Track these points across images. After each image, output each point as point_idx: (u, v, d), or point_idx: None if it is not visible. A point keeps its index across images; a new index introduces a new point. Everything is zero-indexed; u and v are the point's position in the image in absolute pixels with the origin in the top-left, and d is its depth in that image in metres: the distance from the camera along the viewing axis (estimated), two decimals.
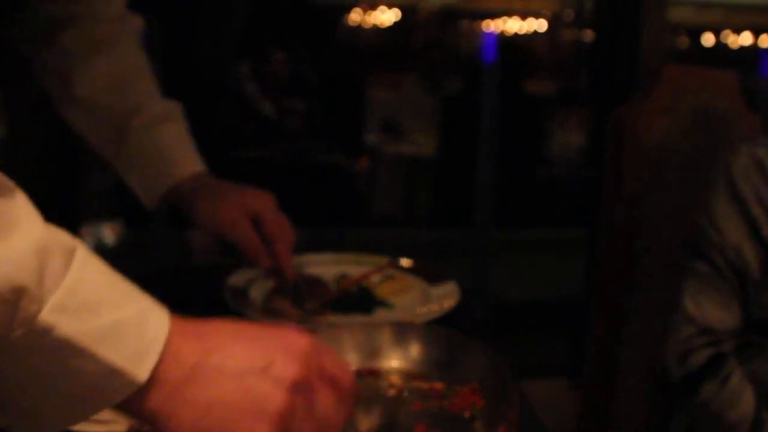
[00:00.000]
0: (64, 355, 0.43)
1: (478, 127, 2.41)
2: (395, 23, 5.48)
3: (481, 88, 2.35)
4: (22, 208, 0.43)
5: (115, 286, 0.47)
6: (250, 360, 0.48)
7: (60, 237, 0.44)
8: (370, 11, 5.23)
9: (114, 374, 0.44)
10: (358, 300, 1.08)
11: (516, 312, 2.79)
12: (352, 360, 0.82)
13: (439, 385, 0.80)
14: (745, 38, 6.00)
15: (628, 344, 1.34)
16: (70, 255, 0.44)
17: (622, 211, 1.34)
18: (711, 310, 1.11)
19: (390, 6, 5.34)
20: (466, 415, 0.75)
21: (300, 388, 0.48)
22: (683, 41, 5.34)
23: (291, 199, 1.12)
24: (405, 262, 1.22)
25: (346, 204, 3.43)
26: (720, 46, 6.09)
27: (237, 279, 1.11)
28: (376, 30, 5.34)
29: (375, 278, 1.15)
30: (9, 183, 0.43)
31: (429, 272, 1.18)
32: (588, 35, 4.08)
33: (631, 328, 1.34)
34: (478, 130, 2.41)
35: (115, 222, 2.85)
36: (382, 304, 1.09)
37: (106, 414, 0.71)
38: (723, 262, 1.11)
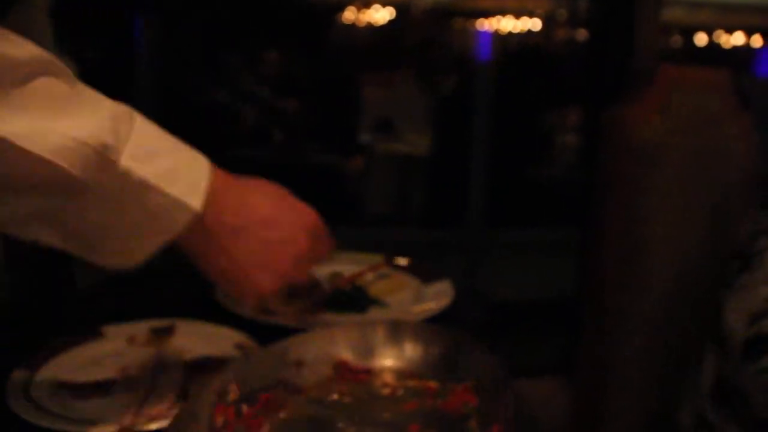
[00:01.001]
0: (139, 191, 0.56)
1: (471, 126, 2.41)
2: (389, 22, 5.47)
3: (474, 87, 2.35)
4: (88, 91, 0.57)
5: (167, 140, 0.61)
6: (278, 232, 0.66)
7: (123, 107, 0.58)
8: (363, 10, 5.22)
9: (177, 204, 0.58)
10: (351, 299, 1.07)
11: (509, 311, 2.78)
12: (346, 358, 0.82)
13: (433, 384, 0.80)
14: (738, 38, 6.03)
15: (621, 343, 1.34)
16: (132, 119, 0.58)
17: (615, 211, 1.34)
18: None
19: (384, 4, 5.33)
20: (461, 414, 0.75)
21: (303, 257, 0.68)
22: (676, 41, 5.35)
23: None
24: (399, 260, 1.22)
25: (340, 203, 3.41)
26: (712, 46, 6.11)
27: None
28: (370, 29, 5.33)
29: (369, 277, 1.15)
30: (72, 74, 0.56)
31: (423, 271, 1.17)
32: (582, 35, 4.09)
33: (622, 327, 1.34)
34: (471, 130, 2.41)
35: None
36: (376, 302, 1.09)
37: (97, 414, 0.71)
38: None
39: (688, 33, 6.14)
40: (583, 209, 1.72)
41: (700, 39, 6.19)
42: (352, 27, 5.19)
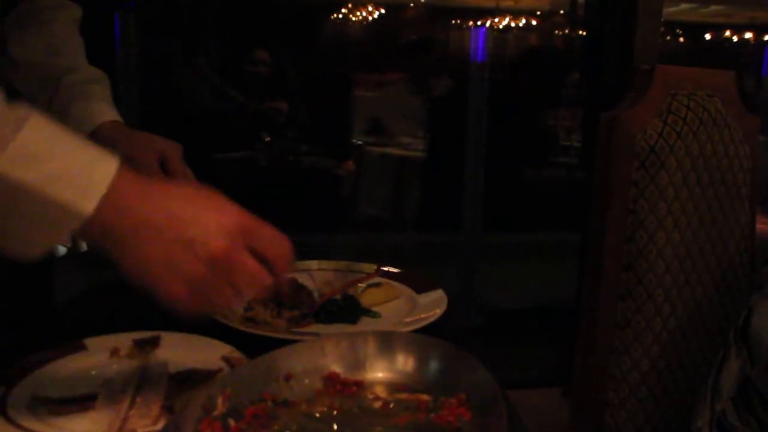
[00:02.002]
0: (17, 196, 0.54)
1: (466, 128, 2.39)
2: (382, 21, 5.45)
3: (470, 88, 2.33)
4: None
5: (68, 142, 0.58)
6: (183, 232, 0.59)
7: (16, 108, 0.56)
8: (355, 11, 5.20)
9: (62, 209, 0.55)
10: (343, 309, 1.05)
11: (505, 318, 2.77)
12: (337, 370, 0.80)
13: (425, 397, 0.77)
14: (746, 36, 6.00)
15: (620, 351, 1.32)
16: (21, 120, 0.55)
17: (615, 215, 1.31)
18: None
19: (377, 5, 5.31)
20: (454, 428, 0.72)
21: (218, 261, 0.60)
22: (681, 39, 5.34)
23: (274, 203, 1.09)
24: (391, 269, 1.19)
25: (332, 208, 3.39)
26: (719, 44, 6.09)
27: None
28: (363, 29, 5.31)
29: (361, 286, 1.12)
30: None
31: (416, 280, 1.15)
32: (580, 34, 4.07)
33: (622, 334, 1.31)
34: (466, 131, 2.39)
35: None
36: (368, 313, 1.06)
37: (79, 430, 0.68)
38: None
39: (694, 31, 6.12)
40: (582, 213, 1.70)
41: (707, 37, 6.17)
42: (345, 27, 5.18)
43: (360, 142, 3.72)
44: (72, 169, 0.56)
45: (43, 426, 0.71)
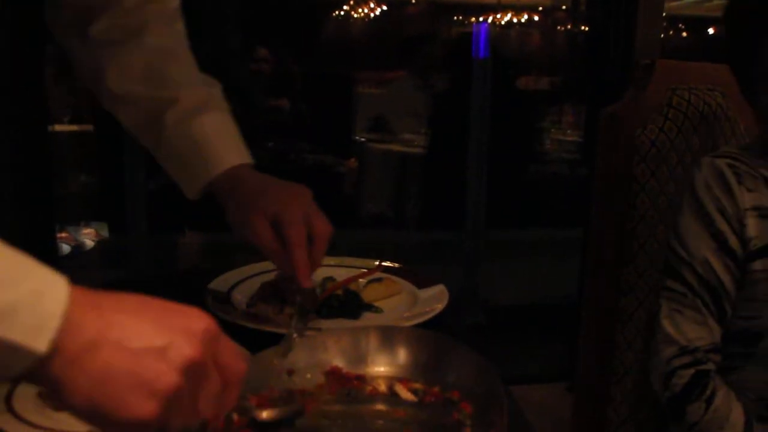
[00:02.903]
0: None
1: (469, 124, 2.39)
2: (384, 18, 5.44)
3: (472, 84, 2.32)
4: None
5: (9, 267, 0.48)
6: (149, 338, 0.50)
7: None
8: (357, 8, 5.20)
9: (12, 350, 0.46)
10: (344, 304, 1.05)
11: (508, 315, 2.77)
12: (338, 365, 0.80)
13: (427, 391, 0.78)
14: None
15: (623, 347, 1.32)
16: None
17: (616, 211, 1.32)
18: (688, 328, 1.09)
19: (379, 2, 5.31)
20: (455, 421, 0.73)
21: (192, 371, 0.51)
22: (683, 34, 5.31)
23: None
24: (392, 265, 1.20)
25: (334, 205, 3.39)
26: (722, 38, 6.06)
27: (219, 284, 1.08)
28: (364, 26, 5.31)
29: (362, 282, 1.13)
30: None
31: (417, 276, 1.15)
32: (582, 30, 4.06)
33: (625, 330, 1.31)
34: (469, 128, 2.39)
35: (95, 226, 2.81)
36: (370, 308, 1.07)
37: (83, 425, 0.69)
38: (694, 279, 1.10)
39: (697, 25, 6.08)
40: (584, 209, 1.70)
41: (710, 32, 6.13)
42: (347, 24, 5.18)
43: (362, 139, 3.72)
44: (18, 303, 0.47)
45: (50, 421, 0.72)
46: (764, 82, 1.08)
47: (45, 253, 0.57)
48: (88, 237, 2.79)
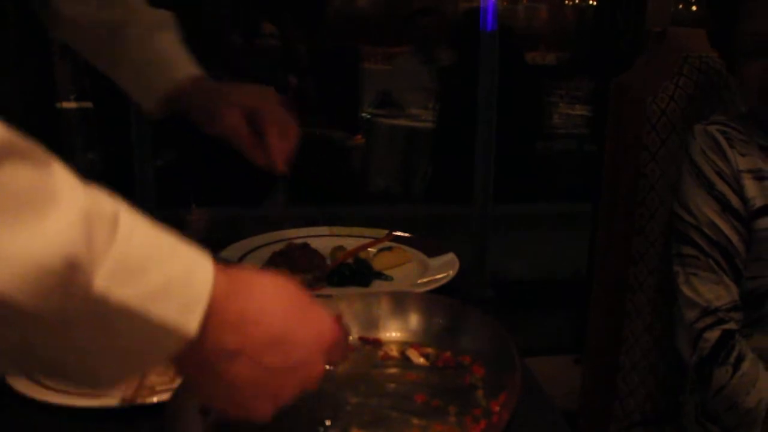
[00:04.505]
0: (117, 317, 0.43)
1: (476, 98, 2.36)
2: None
3: (479, 58, 2.30)
4: (61, 177, 0.42)
5: (160, 245, 0.46)
6: (284, 357, 0.52)
7: (103, 203, 0.43)
8: None
9: (167, 330, 0.45)
10: (355, 272, 1.06)
11: (517, 289, 2.77)
12: (351, 330, 0.80)
13: (439, 355, 0.78)
14: None
15: (632, 316, 1.32)
16: (115, 220, 0.43)
17: (626, 179, 1.31)
18: (706, 289, 1.11)
19: None
20: (467, 384, 0.73)
21: (315, 380, 0.55)
22: (693, 8, 5.23)
23: (285, 176, 1.08)
24: (402, 234, 1.20)
25: (342, 180, 3.39)
26: None
27: (229, 253, 1.09)
28: (371, 0, 5.25)
29: (372, 250, 1.13)
30: (43, 154, 0.42)
31: (427, 244, 1.16)
32: (590, 3, 4.01)
33: (635, 298, 1.31)
34: (476, 102, 2.37)
35: None
36: (380, 276, 1.07)
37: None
38: (704, 241, 1.12)
39: None
40: (594, 179, 1.69)
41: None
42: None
43: (369, 115, 3.70)
44: (172, 281, 0.45)
45: (64, 384, 0.73)
46: (743, 55, 1.10)
47: None
48: None
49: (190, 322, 0.45)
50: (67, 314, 0.41)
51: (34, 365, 0.45)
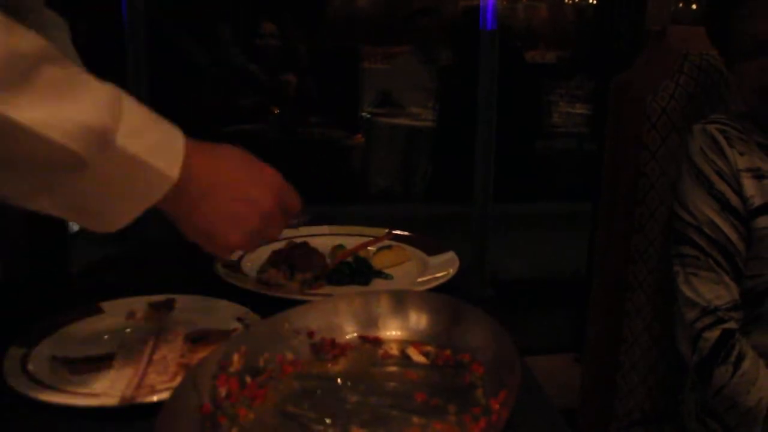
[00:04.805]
0: (130, 165, 0.63)
1: (476, 97, 2.37)
2: None
3: (479, 57, 2.30)
4: (85, 74, 0.63)
5: (150, 116, 0.66)
6: (247, 190, 0.73)
7: (112, 88, 0.64)
8: None
9: (160, 175, 0.65)
10: (354, 271, 1.06)
11: (517, 288, 2.77)
12: (350, 329, 0.80)
13: (439, 353, 0.78)
14: None
15: (632, 315, 1.32)
16: (120, 99, 0.63)
17: (626, 178, 1.31)
18: (706, 289, 1.11)
19: None
20: (467, 383, 0.73)
21: (268, 215, 0.74)
22: (693, 6, 5.22)
23: (285, 175, 1.09)
24: (402, 233, 1.20)
25: (342, 180, 3.39)
26: None
27: None
28: (371, 0, 5.24)
29: (372, 249, 1.13)
30: (68, 59, 0.61)
31: (427, 243, 1.15)
32: (590, 1, 4.00)
33: (634, 297, 1.31)
34: (476, 101, 2.37)
35: None
36: (380, 274, 1.07)
37: (98, 387, 0.70)
38: (703, 240, 1.12)
39: None
40: (594, 178, 1.69)
41: None
42: None
43: (369, 115, 3.70)
44: (162, 140, 0.66)
45: (64, 383, 0.73)
46: (742, 55, 1.10)
47: (56, 230, 0.61)
48: None
49: (175, 170, 0.65)
50: (101, 162, 0.61)
51: (62, 204, 0.63)
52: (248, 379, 0.71)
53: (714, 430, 1.17)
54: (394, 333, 0.81)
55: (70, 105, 0.59)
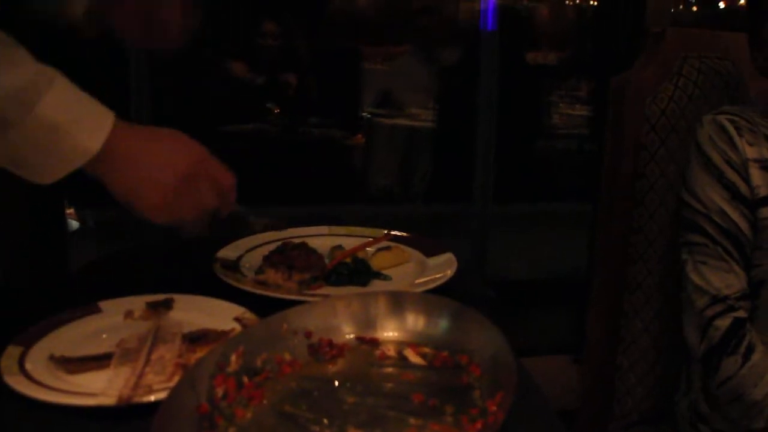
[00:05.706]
0: (51, 132, 0.75)
1: (477, 98, 2.37)
2: None
3: (479, 58, 2.30)
4: (23, 51, 0.76)
5: (81, 97, 0.78)
6: (165, 158, 0.83)
7: (48, 69, 0.76)
8: None
9: (80, 146, 0.77)
10: (353, 272, 1.06)
11: (516, 289, 2.77)
12: (348, 330, 0.80)
13: (436, 355, 0.78)
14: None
15: (631, 316, 1.32)
16: (52, 78, 0.76)
17: (625, 179, 1.31)
18: (715, 277, 1.10)
19: None
20: (464, 384, 0.73)
21: (186, 179, 0.83)
22: (694, 8, 5.21)
23: (285, 175, 1.09)
24: (401, 234, 1.20)
25: (342, 179, 3.39)
26: (733, 12, 5.95)
27: (227, 252, 1.09)
28: (371, 0, 5.24)
29: (370, 250, 1.13)
30: (9, 38, 0.74)
31: (425, 244, 1.15)
32: (591, 3, 4.01)
33: (633, 298, 1.31)
34: (477, 102, 2.37)
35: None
36: (378, 275, 1.07)
37: (96, 387, 0.70)
38: (713, 229, 1.12)
39: None
40: (593, 179, 1.69)
41: (721, 5, 6.03)
42: None
43: (369, 115, 3.70)
44: (85, 116, 0.77)
45: (61, 383, 0.73)
46: None
47: (54, 230, 0.63)
48: (92, 215, 2.80)
49: (95, 143, 0.77)
50: (25, 125, 0.74)
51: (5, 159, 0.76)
52: (246, 379, 0.71)
53: None
54: (391, 334, 0.81)
55: (2, 74, 0.72)
